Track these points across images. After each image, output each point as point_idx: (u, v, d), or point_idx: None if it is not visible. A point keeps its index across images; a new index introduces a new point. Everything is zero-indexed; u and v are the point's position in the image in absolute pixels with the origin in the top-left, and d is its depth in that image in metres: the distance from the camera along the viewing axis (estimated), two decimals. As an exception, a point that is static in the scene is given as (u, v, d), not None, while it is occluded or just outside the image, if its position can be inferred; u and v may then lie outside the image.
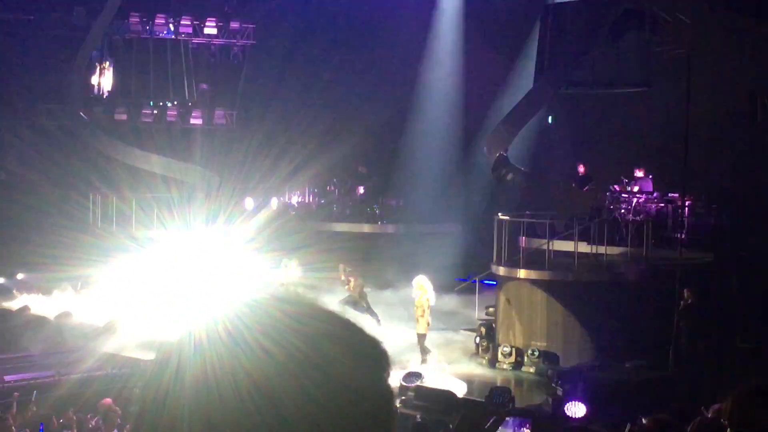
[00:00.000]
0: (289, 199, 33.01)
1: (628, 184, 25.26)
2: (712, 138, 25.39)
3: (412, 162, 32.16)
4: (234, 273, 26.47)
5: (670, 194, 24.83)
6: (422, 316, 21.97)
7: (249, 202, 31.41)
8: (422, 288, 22.25)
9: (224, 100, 36.48)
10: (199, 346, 1.48)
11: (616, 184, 25.41)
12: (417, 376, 19.08)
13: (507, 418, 16.31)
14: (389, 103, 33.24)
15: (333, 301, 24.89)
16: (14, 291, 27.92)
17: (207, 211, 29.87)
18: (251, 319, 1.47)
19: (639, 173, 25.53)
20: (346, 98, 34.20)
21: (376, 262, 27.28)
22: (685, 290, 20.42)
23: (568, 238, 23.60)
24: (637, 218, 23.92)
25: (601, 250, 23.14)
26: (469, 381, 20.55)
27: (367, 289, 26.08)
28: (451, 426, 15.59)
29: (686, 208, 23.90)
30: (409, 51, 33.28)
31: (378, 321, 23.55)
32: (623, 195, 24.88)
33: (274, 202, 31.66)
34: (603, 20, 25.84)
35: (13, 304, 26.53)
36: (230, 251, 27.54)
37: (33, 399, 17.62)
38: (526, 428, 16.66)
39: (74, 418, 16.26)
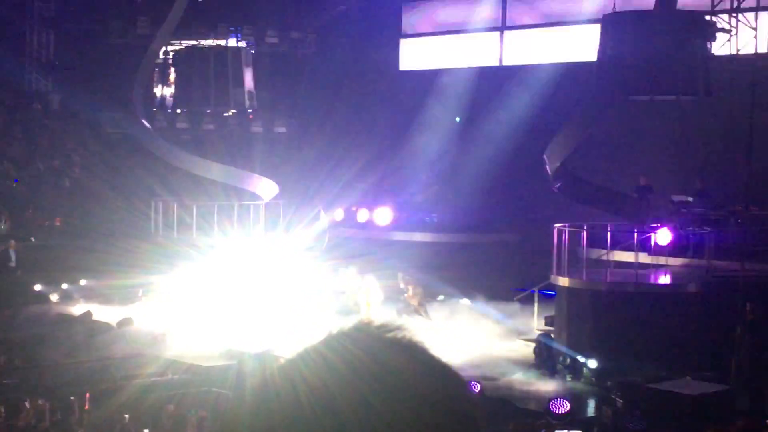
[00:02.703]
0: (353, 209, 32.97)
1: (689, 193, 24.98)
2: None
3: (472, 170, 32.06)
4: (292, 280, 26.56)
5: (732, 204, 24.52)
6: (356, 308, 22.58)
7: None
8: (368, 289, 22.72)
9: (284, 109, 36.68)
10: (258, 353, 1.50)
11: (677, 194, 25.14)
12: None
13: (556, 431, 16.19)
14: (449, 111, 33.23)
15: (390, 309, 24.95)
16: (77, 297, 28.22)
17: (266, 218, 29.99)
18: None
19: (701, 183, 25.26)
20: (406, 104, 34.23)
21: (435, 271, 27.20)
22: (748, 303, 20.14)
23: (628, 248, 23.39)
24: (698, 229, 23.65)
25: (662, 260, 22.91)
26: (528, 391, 20.44)
27: (426, 299, 26.10)
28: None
29: (749, 219, 23.58)
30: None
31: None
32: (685, 205, 24.61)
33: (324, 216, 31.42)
34: (665, 28, 25.59)
35: (76, 310, 26.82)
36: (289, 259, 27.62)
37: (87, 402, 17.81)
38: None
39: (129, 422, 16.43)
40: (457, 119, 34.23)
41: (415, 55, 36.09)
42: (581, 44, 30.60)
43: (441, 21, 35.63)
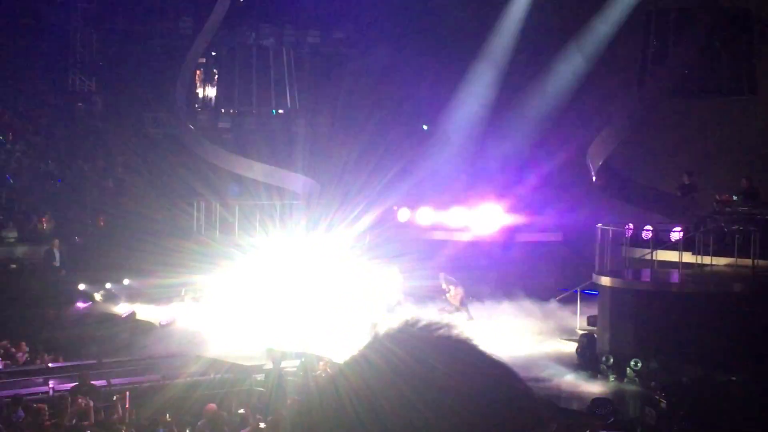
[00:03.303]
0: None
1: (733, 193, 24.78)
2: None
3: (513, 169, 31.97)
4: (334, 280, 26.62)
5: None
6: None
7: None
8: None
9: (326, 108, 36.79)
10: (299, 352, 1.50)
11: (721, 193, 24.94)
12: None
13: (599, 432, 16.13)
14: (491, 111, 33.17)
15: (432, 309, 24.93)
16: (121, 296, 28.45)
17: (308, 218, 30.08)
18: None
19: (747, 182, 25.04)
20: (447, 105, 34.21)
21: (476, 271, 27.17)
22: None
23: (672, 248, 23.24)
24: (744, 228, 23.44)
25: (707, 260, 22.74)
26: (570, 392, 20.36)
27: (468, 298, 26.06)
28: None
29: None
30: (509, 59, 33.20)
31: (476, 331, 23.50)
32: (729, 204, 24.42)
33: None
34: (707, 27, 25.40)
35: (120, 310, 27.05)
36: (331, 258, 27.68)
37: (128, 401, 17.97)
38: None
39: (171, 421, 16.55)
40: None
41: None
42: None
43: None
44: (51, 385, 19.51)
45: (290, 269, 26.99)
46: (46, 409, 16.84)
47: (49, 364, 21.63)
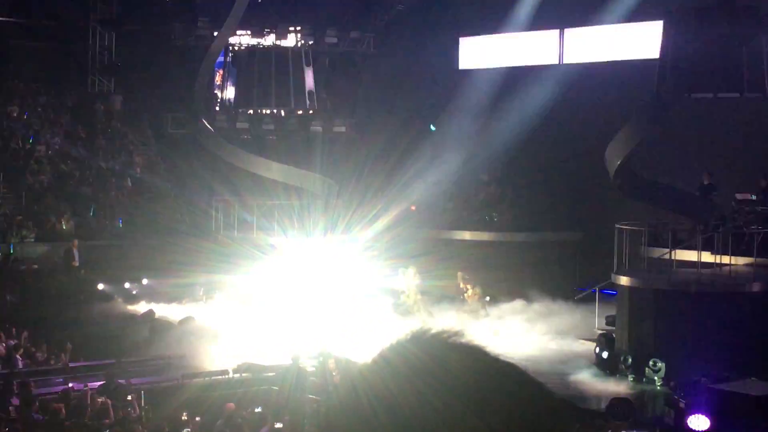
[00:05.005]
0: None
1: (753, 192, 24.68)
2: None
3: (533, 169, 31.94)
4: (352, 280, 26.63)
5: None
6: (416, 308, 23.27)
7: None
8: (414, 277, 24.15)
9: (344, 109, 36.80)
10: (317, 352, 1.50)
11: (741, 192, 24.83)
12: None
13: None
14: (508, 112, 33.13)
15: (449, 308, 24.93)
16: (140, 296, 28.53)
17: (326, 218, 30.09)
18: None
19: (766, 181, 24.94)
20: (465, 103, 34.17)
21: (495, 270, 27.12)
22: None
23: (691, 247, 23.15)
24: (763, 227, 23.34)
25: (726, 260, 22.65)
26: (589, 392, 20.31)
27: (486, 298, 26.06)
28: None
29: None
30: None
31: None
32: (748, 204, 24.31)
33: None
34: (727, 25, 25.27)
35: (139, 309, 27.13)
36: (349, 258, 27.69)
37: (143, 400, 18.02)
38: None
39: (187, 419, 16.58)
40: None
41: (474, 53, 35.95)
42: (643, 42, 30.32)
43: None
44: (70, 385, 19.57)
45: (308, 269, 27.01)
46: (63, 408, 16.89)
47: (69, 364, 21.69)
